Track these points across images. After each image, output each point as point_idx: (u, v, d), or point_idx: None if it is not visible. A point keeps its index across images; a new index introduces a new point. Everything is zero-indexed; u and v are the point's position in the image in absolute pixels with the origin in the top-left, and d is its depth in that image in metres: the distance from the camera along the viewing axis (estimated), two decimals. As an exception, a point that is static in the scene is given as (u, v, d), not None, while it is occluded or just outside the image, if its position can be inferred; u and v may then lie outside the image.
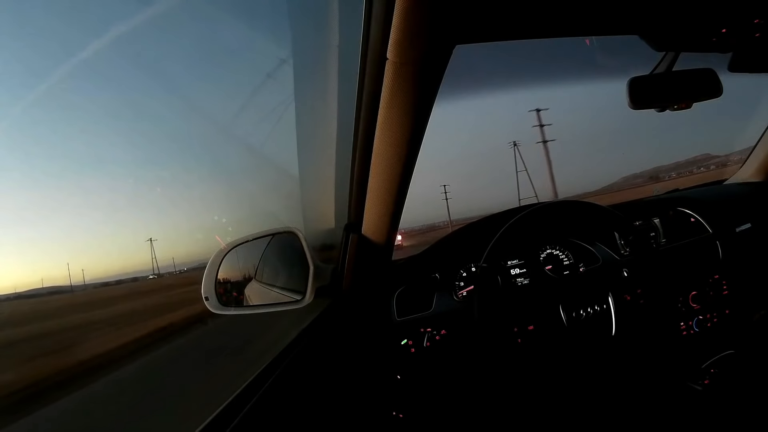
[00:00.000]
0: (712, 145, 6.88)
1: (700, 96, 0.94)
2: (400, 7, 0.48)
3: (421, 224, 4.79)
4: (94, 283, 5.34)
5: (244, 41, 1.46)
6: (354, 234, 0.98)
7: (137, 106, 1.65)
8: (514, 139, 12.96)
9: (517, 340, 1.06)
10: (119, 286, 5.11)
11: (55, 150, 3.63)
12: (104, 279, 4.48)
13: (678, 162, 6.13)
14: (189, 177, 3.48)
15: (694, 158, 5.33)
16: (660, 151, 8.91)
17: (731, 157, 2.10)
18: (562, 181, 11.24)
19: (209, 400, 0.70)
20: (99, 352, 2.24)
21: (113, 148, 3.39)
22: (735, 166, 1.59)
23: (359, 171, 0.84)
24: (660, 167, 6.28)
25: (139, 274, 3.79)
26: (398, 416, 1.11)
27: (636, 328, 1.06)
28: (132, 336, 2.52)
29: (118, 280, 4.92)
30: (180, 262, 6.40)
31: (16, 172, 1.76)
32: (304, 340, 0.93)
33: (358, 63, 0.63)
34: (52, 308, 3.68)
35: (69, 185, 5.29)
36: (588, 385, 1.11)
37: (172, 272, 4.22)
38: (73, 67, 0.98)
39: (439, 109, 0.75)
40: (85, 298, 4.63)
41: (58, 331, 2.59)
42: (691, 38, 0.79)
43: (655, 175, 6.06)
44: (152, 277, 5.20)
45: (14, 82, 1.28)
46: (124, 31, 1.09)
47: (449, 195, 12.38)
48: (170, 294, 4.48)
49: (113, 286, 4.99)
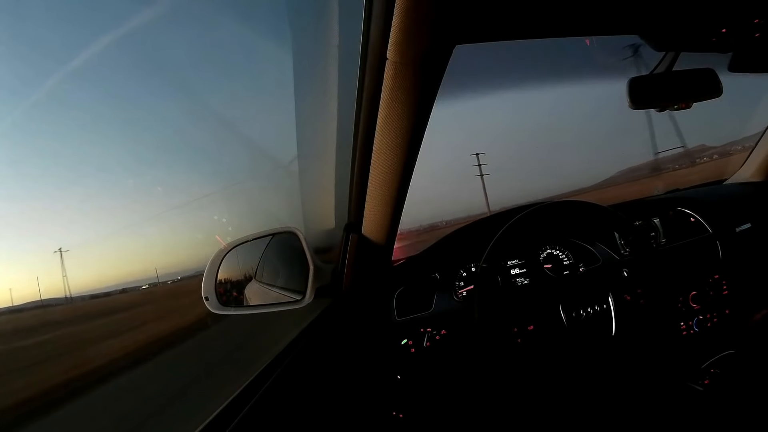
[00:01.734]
0: (713, 142, 6.87)
1: (700, 96, 0.94)
2: (400, 6, 0.48)
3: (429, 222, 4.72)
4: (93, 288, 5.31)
5: (244, 41, 1.46)
6: (354, 234, 0.98)
7: (137, 106, 1.63)
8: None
9: (517, 340, 1.06)
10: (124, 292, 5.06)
11: (55, 150, 3.61)
12: (105, 285, 4.44)
13: (675, 155, 6.14)
14: (189, 177, 3.46)
15: (690, 150, 5.35)
16: (656, 145, 8.94)
17: (727, 148, 2.10)
18: (561, 178, 11.24)
19: (209, 400, 0.70)
20: (98, 352, 2.24)
21: (113, 148, 3.36)
22: (735, 166, 1.59)
23: (359, 171, 0.84)
24: (657, 160, 6.29)
25: (140, 279, 3.73)
26: (398, 416, 1.11)
27: (636, 328, 1.06)
28: (131, 336, 2.52)
29: (122, 288, 4.85)
30: (180, 264, 6.38)
31: (15, 174, 1.73)
32: (304, 340, 0.93)
33: (358, 63, 0.63)
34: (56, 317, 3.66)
35: (68, 185, 5.25)
36: (588, 385, 1.11)
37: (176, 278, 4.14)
38: (72, 69, 0.98)
39: (439, 109, 0.74)
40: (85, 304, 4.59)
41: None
42: (691, 38, 0.79)
43: (655, 167, 6.06)
44: (145, 287, 5.06)
45: (13, 83, 1.27)
46: (124, 32, 1.09)
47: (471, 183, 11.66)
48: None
49: (116, 294, 4.94)
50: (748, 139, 1.50)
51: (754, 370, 1.20)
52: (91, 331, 2.90)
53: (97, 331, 2.92)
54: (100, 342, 2.52)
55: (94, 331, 2.94)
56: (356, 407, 1.08)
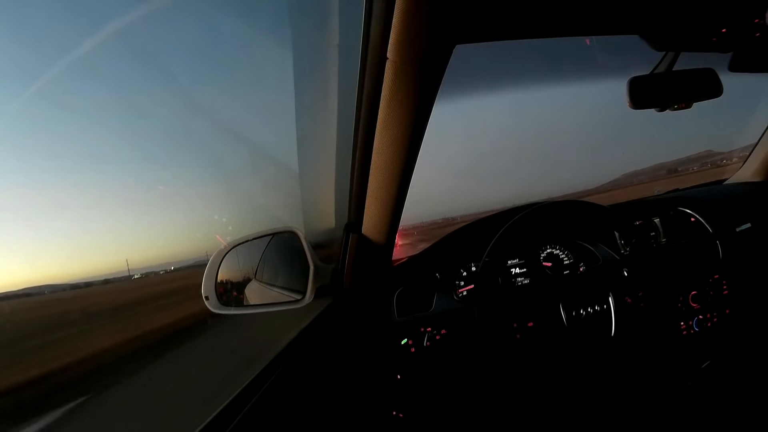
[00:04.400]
0: (714, 143, 6.78)
1: (700, 96, 0.94)
2: (401, 6, 0.48)
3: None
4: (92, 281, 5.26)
5: (244, 40, 1.46)
6: (354, 233, 0.98)
7: (136, 104, 1.65)
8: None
9: (516, 336, 1.06)
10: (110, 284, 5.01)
11: (54, 149, 3.62)
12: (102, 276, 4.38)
13: (680, 159, 6.08)
14: (189, 176, 3.47)
15: (697, 155, 5.29)
16: (661, 148, 8.92)
17: (734, 155, 2.09)
18: (563, 180, 11.18)
19: (209, 400, 0.70)
20: (98, 352, 2.24)
21: (112, 148, 3.38)
22: (735, 166, 1.59)
23: (359, 170, 0.84)
24: (662, 164, 6.26)
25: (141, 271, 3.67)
26: (398, 416, 1.11)
27: (636, 327, 1.06)
28: (131, 336, 2.51)
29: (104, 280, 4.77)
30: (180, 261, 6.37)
31: (12, 171, 1.76)
32: (304, 339, 0.93)
33: (359, 62, 0.63)
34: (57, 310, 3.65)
35: (66, 184, 5.25)
36: (588, 384, 1.11)
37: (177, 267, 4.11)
38: (70, 65, 0.98)
39: (439, 108, 0.74)
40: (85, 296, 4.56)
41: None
42: (691, 38, 0.79)
43: (658, 170, 6.02)
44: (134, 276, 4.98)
45: (10, 79, 1.29)
46: (123, 29, 1.08)
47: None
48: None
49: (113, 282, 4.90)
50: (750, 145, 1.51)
51: (753, 371, 1.20)
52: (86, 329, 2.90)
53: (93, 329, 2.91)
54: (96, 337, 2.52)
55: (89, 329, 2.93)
56: (356, 407, 1.08)
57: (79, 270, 2.03)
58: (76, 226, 1.97)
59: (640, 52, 0.83)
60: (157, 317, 2.23)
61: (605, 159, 11.54)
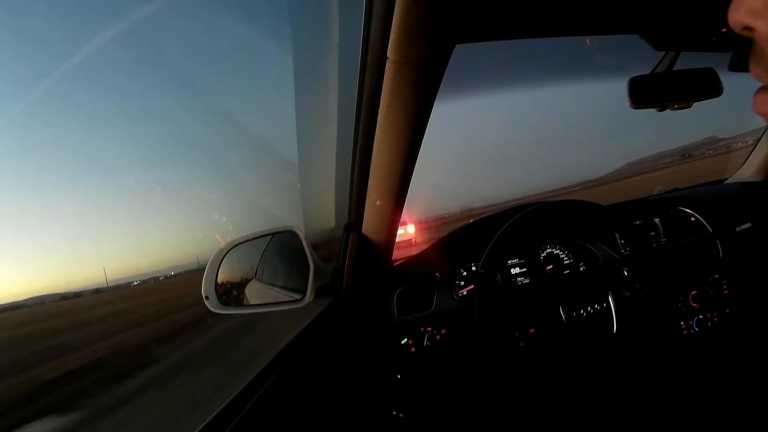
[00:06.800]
0: (718, 130, 6.73)
1: (700, 95, 0.94)
2: (401, 6, 0.48)
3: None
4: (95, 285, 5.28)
5: (245, 41, 1.45)
6: (354, 233, 0.98)
7: (136, 108, 1.60)
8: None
9: (516, 334, 1.06)
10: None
11: (54, 149, 3.57)
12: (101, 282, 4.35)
13: (684, 146, 6.02)
14: (190, 177, 3.39)
15: (701, 141, 5.22)
16: (663, 136, 8.83)
17: (738, 140, 2.09)
18: (565, 172, 11.21)
19: (209, 400, 0.70)
20: (97, 353, 2.24)
21: (113, 149, 3.32)
22: (735, 166, 1.59)
23: (359, 170, 0.84)
24: (665, 151, 6.14)
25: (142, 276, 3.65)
26: (398, 416, 1.11)
27: (636, 327, 1.06)
28: (131, 336, 2.51)
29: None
30: (179, 262, 6.32)
31: (14, 174, 1.69)
32: (304, 339, 0.93)
33: (359, 62, 0.63)
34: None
35: (66, 183, 5.18)
36: (588, 384, 1.11)
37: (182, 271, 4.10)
38: (72, 69, 0.96)
39: (440, 108, 0.75)
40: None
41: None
42: (691, 38, 0.79)
43: (661, 158, 5.91)
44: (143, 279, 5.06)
45: (13, 84, 1.24)
46: (124, 32, 1.08)
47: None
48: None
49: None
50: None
51: (754, 369, 1.20)
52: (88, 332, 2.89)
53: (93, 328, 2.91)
54: (97, 340, 2.51)
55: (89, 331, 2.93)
56: (356, 406, 1.08)
57: (80, 276, 2.03)
58: (74, 228, 1.96)
59: (640, 52, 0.83)
60: (159, 319, 2.22)
61: (607, 151, 11.55)
